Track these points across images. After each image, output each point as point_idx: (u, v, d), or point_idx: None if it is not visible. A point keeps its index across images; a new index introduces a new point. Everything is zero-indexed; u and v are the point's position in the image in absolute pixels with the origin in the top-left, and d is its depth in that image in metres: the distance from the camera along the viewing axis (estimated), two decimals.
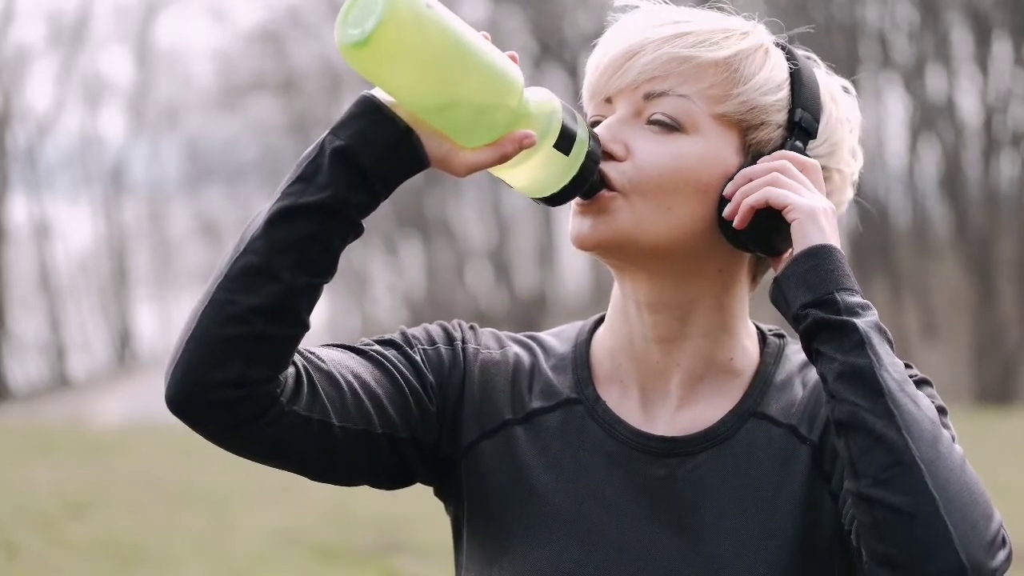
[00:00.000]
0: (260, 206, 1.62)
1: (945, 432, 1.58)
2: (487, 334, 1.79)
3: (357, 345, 1.73)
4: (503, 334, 1.80)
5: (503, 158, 1.60)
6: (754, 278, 1.75)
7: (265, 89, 33.05)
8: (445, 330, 1.77)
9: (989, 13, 22.74)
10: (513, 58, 1.62)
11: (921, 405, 1.58)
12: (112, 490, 11.44)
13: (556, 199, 1.65)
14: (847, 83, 1.79)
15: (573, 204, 1.68)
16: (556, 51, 26.17)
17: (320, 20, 31.57)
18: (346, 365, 1.68)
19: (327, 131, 1.60)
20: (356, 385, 1.67)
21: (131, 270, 37.30)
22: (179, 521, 10.30)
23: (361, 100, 1.60)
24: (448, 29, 1.55)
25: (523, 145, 1.60)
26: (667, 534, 1.69)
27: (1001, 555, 1.56)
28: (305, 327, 1.62)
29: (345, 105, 1.62)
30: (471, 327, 1.79)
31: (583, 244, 1.68)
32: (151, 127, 37.11)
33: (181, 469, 12.72)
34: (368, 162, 1.58)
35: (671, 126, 1.66)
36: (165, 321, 40.11)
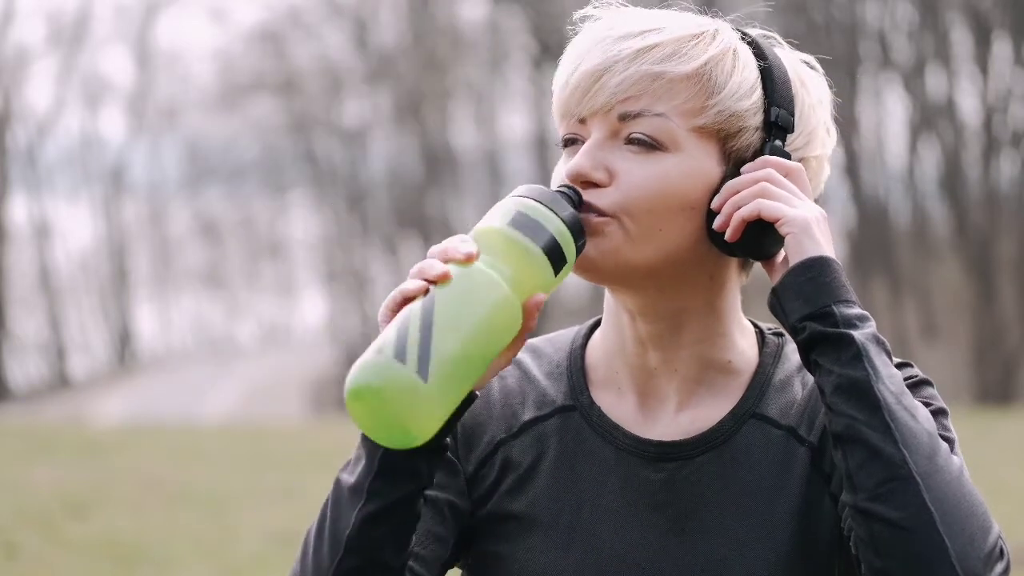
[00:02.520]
0: (260, 204, 1.60)
1: (943, 444, 1.57)
2: None
3: None
4: None
5: (532, 329, 1.61)
6: (743, 269, 1.73)
7: (265, 89, 33.05)
8: None
9: (989, 13, 22.75)
10: (471, 258, 1.57)
11: (919, 417, 1.57)
12: (112, 490, 11.44)
13: None
14: (809, 58, 1.76)
15: None
16: (556, 51, 26.09)
17: (320, 20, 31.58)
18: None
19: None
20: (416, 548, 1.68)
21: (131, 270, 37.30)
22: (179, 521, 10.30)
23: None
24: (451, 371, 1.53)
25: (539, 308, 1.60)
26: (666, 538, 1.68)
27: (998, 567, 1.56)
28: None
29: (345, 108, 1.61)
30: None
31: (577, 267, 1.66)
32: (151, 127, 37.14)
33: (181, 469, 12.72)
34: (438, 438, 1.60)
35: (651, 145, 1.64)
36: (165, 321, 40.11)
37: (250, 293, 41.16)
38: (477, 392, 1.61)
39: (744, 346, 1.73)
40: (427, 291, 1.56)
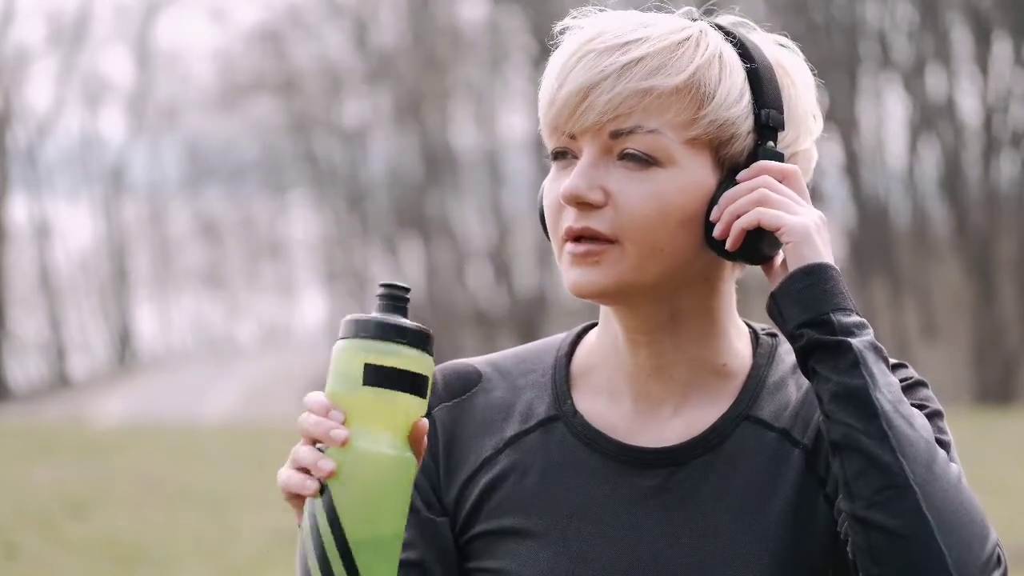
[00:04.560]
0: (260, 204, 1.59)
1: (941, 452, 1.57)
2: (452, 378, 1.76)
3: None
4: (474, 365, 1.77)
5: (423, 450, 1.59)
6: (736, 264, 1.73)
7: (265, 89, 33.05)
8: None
9: (989, 13, 22.76)
10: (345, 441, 1.55)
11: (916, 425, 1.57)
12: (112, 490, 11.44)
13: None
14: (783, 39, 1.73)
15: (565, 253, 1.66)
16: None
17: (320, 20, 31.57)
18: None
19: None
20: None
21: (131, 270, 37.30)
22: (179, 521, 10.31)
23: None
24: (383, 563, 1.53)
25: (425, 432, 1.58)
26: (658, 544, 1.67)
27: (996, 575, 1.56)
28: None
29: (344, 108, 1.60)
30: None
31: (581, 294, 1.65)
32: (151, 127, 37.13)
33: (181, 469, 12.73)
34: None
35: (646, 161, 1.63)
36: (165, 321, 40.10)
37: (250, 293, 41.17)
38: None
39: (739, 347, 1.73)
40: (323, 488, 1.55)
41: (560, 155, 1.67)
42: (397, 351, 1.56)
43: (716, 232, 1.63)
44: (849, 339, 1.58)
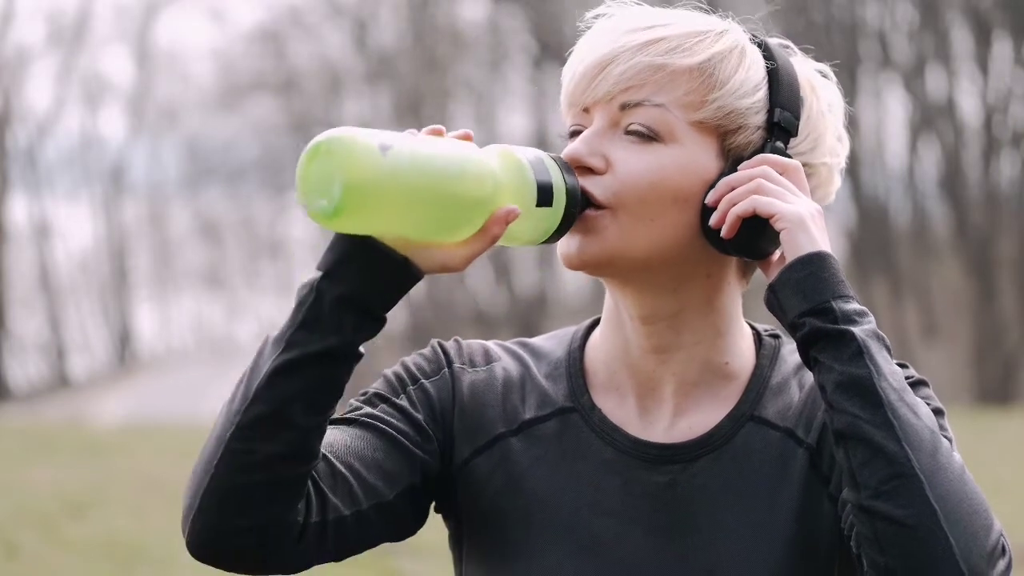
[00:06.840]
0: (260, 204, 1.61)
1: (944, 442, 1.57)
2: (475, 348, 1.77)
3: (346, 415, 1.71)
4: (492, 345, 1.78)
5: (494, 240, 1.60)
6: (744, 274, 1.74)
7: (265, 89, 33.05)
8: (428, 359, 1.75)
9: (989, 13, 22.75)
10: (467, 137, 1.61)
11: (920, 414, 1.57)
12: (112, 490, 11.44)
13: (548, 242, 1.65)
14: (824, 67, 1.77)
15: None
16: (556, 51, 26.16)
17: (320, 20, 31.57)
18: (341, 445, 1.67)
19: (320, 272, 1.60)
20: (357, 465, 1.66)
21: (131, 270, 37.29)
22: (179, 521, 10.29)
23: (347, 239, 1.59)
24: (409, 166, 1.54)
25: (509, 221, 1.59)
26: (667, 541, 1.68)
27: (1001, 564, 1.56)
28: (318, 457, 1.62)
29: (344, 108, 1.61)
30: (455, 341, 1.77)
31: (572, 264, 1.67)
32: (151, 127, 37.14)
33: (181, 469, 12.70)
34: (371, 301, 1.59)
35: (649, 136, 1.65)
36: (165, 321, 40.11)
37: (250, 293, 41.16)
38: (423, 276, 1.61)
39: (742, 347, 1.74)
40: None
41: (575, 133, 1.70)
42: (559, 175, 1.64)
43: (712, 220, 1.64)
44: (851, 328, 1.58)
